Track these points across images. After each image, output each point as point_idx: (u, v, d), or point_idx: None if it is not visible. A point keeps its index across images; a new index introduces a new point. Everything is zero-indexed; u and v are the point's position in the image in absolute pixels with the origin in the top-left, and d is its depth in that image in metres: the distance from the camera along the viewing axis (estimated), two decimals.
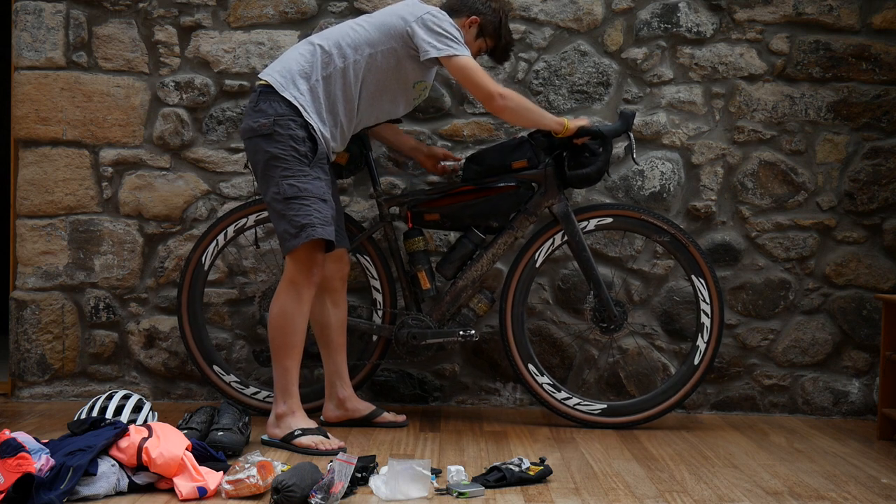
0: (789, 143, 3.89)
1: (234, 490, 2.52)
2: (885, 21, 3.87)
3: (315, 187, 3.09)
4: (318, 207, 3.07)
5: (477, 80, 3.21)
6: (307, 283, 3.10)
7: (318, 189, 3.09)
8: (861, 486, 2.83)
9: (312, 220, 3.05)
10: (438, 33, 3.17)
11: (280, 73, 3.15)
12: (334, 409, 3.44)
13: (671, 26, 3.87)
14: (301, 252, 3.08)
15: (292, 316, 3.10)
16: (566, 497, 2.64)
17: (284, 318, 3.11)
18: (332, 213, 3.13)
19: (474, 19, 3.33)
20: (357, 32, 3.21)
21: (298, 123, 3.10)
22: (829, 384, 3.91)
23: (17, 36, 3.83)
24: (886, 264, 3.91)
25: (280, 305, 3.12)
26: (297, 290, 3.10)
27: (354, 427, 3.43)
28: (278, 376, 3.15)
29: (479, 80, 3.21)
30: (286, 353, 3.13)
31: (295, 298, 3.10)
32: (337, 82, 3.16)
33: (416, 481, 2.56)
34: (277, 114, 3.09)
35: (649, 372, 3.88)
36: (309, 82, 3.14)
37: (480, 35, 3.37)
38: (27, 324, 3.83)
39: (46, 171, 3.83)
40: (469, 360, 3.91)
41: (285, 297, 3.11)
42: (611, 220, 3.57)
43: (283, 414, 3.14)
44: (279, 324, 3.11)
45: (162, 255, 3.86)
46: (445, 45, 3.17)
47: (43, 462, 2.49)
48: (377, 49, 3.18)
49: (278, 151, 3.08)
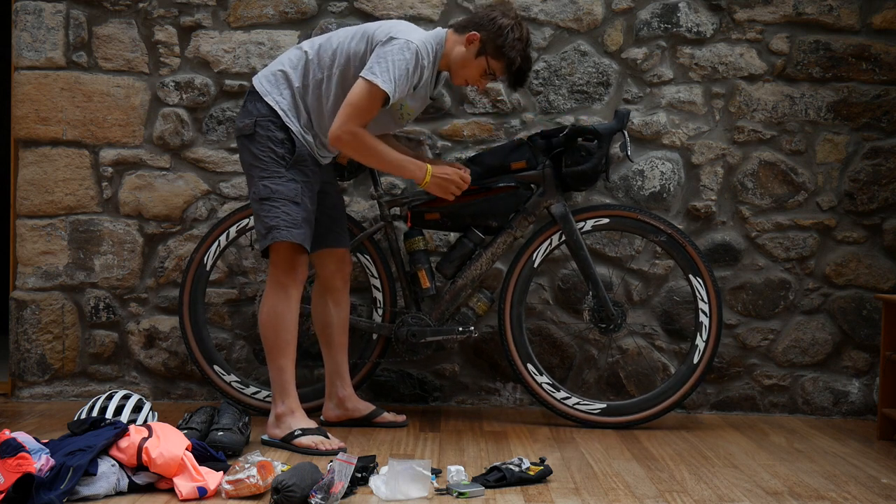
0: (789, 143, 3.89)
1: (234, 490, 2.52)
2: (885, 21, 3.87)
3: (288, 189, 3.09)
4: (287, 210, 3.08)
5: (351, 103, 3.01)
6: (291, 281, 3.12)
7: (291, 191, 3.09)
8: (861, 486, 2.83)
9: (279, 223, 3.07)
10: (380, 58, 3.02)
11: (266, 77, 3.18)
12: (334, 409, 3.44)
13: (671, 26, 3.87)
14: (276, 253, 3.11)
15: (282, 315, 3.12)
16: (566, 497, 2.64)
17: (274, 318, 3.12)
18: (305, 214, 3.11)
19: (473, 35, 3.16)
20: (341, 45, 3.15)
21: (278, 125, 3.12)
22: (829, 384, 3.91)
23: (17, 36, 3.83)
24: (886, 264, 3.91)
25: (269, 306, 3.13)
26: (283, 289, 3.12)
27: (354, 427, 3.43)
28: (274, 376, 3.16)
29: (352, 106, 3.01)
30: (279, 352, 3.14)
31: (283, 298, 3.11)
32: (314, 92, 3.16)
33: (416, 481, 2.57)
34: (260, 114, 3.13)
35: (649, 372, 3.88)
36: (292, 88, 3.15)
37: (482, 53, 3.18)
38: (27, 324, 3.83)
39: (46, 171, 3.83)
40: (469, 360, 3.91)
41: (273, 298, 3.13)
42: (608, 220, 3.57)
43: (283, 414, 3.14)
44: (270, 323, 3.13)
45: (162, 255, 3.86)
46: (373, 69, 3.00)
47: (43, 462, 2.49)
48: (351, 64, 3.12)
49: (258, 152, 3.12)
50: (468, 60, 3.19)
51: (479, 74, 3.22)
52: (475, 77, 3.23)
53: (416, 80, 3.11)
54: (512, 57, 3.17)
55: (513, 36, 3.16)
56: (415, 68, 3.06)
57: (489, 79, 3.25)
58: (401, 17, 3.82)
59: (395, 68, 3.01)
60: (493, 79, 3.26)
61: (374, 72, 3.01)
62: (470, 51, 3.18)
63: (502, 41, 3.16)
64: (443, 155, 3.85)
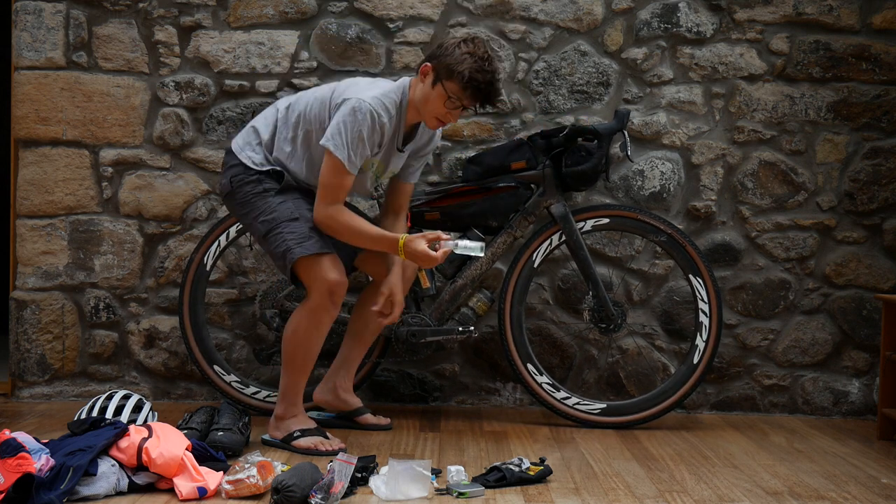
0: (789, 143, 3.89)
1: (234, 490, 2.52)
2: (885, 21, 3.87)
3: (282, 210, 3.08)
4: (290, 229, 3.05)
5: (322, 183, 3.00)
6: (328, 302, 3.02)
7: (286, 211, 3.08)
8: (861, 486, 2.83)
9: (287, 245, 3.04)
10: (335, 123, 2.97)
11: (241, 135, 3.24)
12: (326, 393, 3.42)
13: (671, 26, 3.87)
14: (302, 273, 3.04)
15: (307, 338, 3.08)
16: (566, 497, 2.64)
17: (299, 338, 3.08)
18: (310, 224, 3.06)
19: (425, 66, 3.02)
20: (306, 107, 3.12)
21: (252, 173, 3.14)
22: (829, 384, 3.91)
23: (17, 36, 3.83)
24: (886, 264, 3.91)
25: (296, 324, 3.08)
26: (315, 314, 3.05)
27: (336, 419, 3.44)
28: (285, 383, 3.15)
29: (323, 187, 3.00)
30: (295, 368, 3.13)
31: (314, 323, 3.06)
32: (281, 149, 3.15)
33: (416, 481, 2.57)
34: (234, 173, 3.16)
35: (649, 372, 3.88)
36: (262, 143, 3.16)
37: (437, 80, 2.99)
38: (27, 324, 3.83)
39: (46, 171, 3.83)
40: (469, 360, 3.91)
41: (305, 320, 3.06)
42: (608, 220, 3.58)
43: (283, 415, 3.15)
44: (293, 340, 3.09)
45: (162, 255, 3.86)
46: (329, 136, 2.98)
47: (43, 462, 2.49)
48: (313, 127, 3.10)
49: (243, 200, 3.15)
50: (428, 94, 3.02)
51: (442, 104, 3.01)
52: (440, 109, 3.02)
53: (379, 139, 3.04)
54: (461, 71, 2.95)
55: (460, 51, 2.98)
56: (371, 129, 2.97)
57: (456, 106, 3.02)
58: (401, 16, 3.82)
59: (347, 133, 2.95)
60: (460, 106, 3.03)
61: (329, 138, 2.98)
62: (427, 83, 3.02)
63: (450, 58, 2.97)
64: (443, 155, 3.85)
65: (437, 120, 3.07)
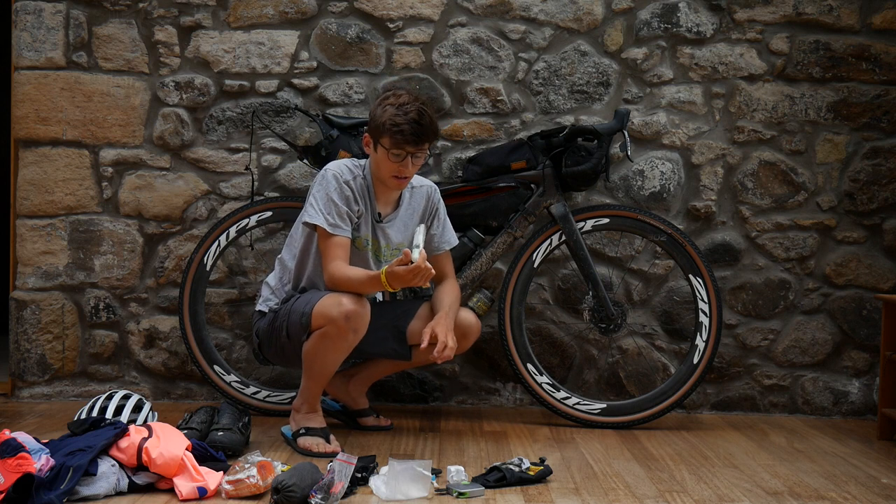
0: (789, 143, 3.89)
1: (234, 490, 2.52)
2: (885, 21, 3.88)
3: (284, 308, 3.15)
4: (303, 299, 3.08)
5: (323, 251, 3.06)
6: (345, 333, 2.98)
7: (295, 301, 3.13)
8: (861, 486, 2.83)
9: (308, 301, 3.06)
10: (307, 199, 3.09)
11: (275, 274, 3.28)
12: (338, 386, 3.42)
13: (671, 26, 3.87)
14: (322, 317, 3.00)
15: (323, 358, 3.05)
16: (566, 497, 2.64)
17: (314, 355, 3.06)
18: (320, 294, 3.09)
19: (365, 138, 3.12)
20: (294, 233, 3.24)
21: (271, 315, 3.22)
22: (829, 384, 3.91)
23: (17, 36, 3.83)
24: (886, 264, 3.91)
25: (314, 345, 3.04)
26: (333, 342, 3.01)
27: (340, 417, 3.44)
28: (304, 386, 3.15)
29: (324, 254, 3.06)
30: (312, 376, 3.11)
31: (330, 349, 3.03)
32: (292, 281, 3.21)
33: (416, 481, 2.56)
34: (258, 327, 3.24)
35: (649, 372, 3.88)
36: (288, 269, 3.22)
37: (376, 143, 3.05)
38: (27, 324, 3.83)
39: (46, 171, 3.83)
40: (469, 360, 3.91)
41: (321, 344, 3.02)
42: (608, 220, 3.58)
43: (298, 409, 3.17)
44: (310, 356, 3.07)
45: (162, 255, 3.86)
46: (306, 211, 3.09)
47: (43, 462, 2.49)
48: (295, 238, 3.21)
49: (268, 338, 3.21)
50: (375, 159, 3.09)
51: (389, 161, 3.03)
52: (390, 166, 3.04)
53: (350, 194, 3.06)
54: (384, 122, 2.99)
55: (382, 107, 3.03)
56: (338, 189, 3.04)
57: (400, 158, 3.01)
58: (401, 16, 3.83)
59: (318, 200, 3.05)
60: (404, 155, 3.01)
61: (304, 212, 3.10)
62: (371, 151, 3.10)
63: (377, 119, 3.03)
64: (443, 155, 3.85)
65: (395, 178, 3.08)
